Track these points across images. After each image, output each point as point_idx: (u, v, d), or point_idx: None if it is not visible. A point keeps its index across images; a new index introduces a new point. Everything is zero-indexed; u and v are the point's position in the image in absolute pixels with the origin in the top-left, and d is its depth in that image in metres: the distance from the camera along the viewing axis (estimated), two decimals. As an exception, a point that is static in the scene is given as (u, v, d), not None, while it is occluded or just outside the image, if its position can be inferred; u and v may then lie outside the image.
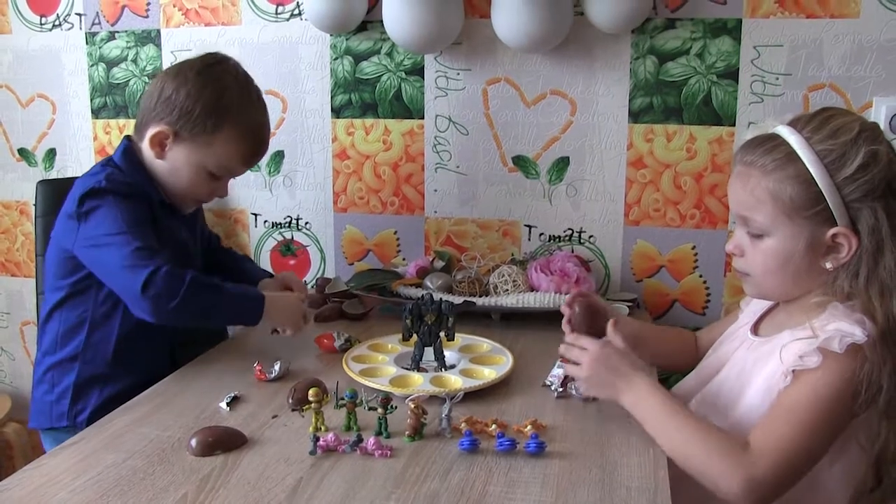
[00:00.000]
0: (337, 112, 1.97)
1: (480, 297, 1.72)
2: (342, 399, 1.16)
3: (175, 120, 1.43)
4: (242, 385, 1.34)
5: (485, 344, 1.50)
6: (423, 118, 1.93)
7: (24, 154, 2.22)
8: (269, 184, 2.06)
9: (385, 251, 2.02)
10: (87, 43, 2.10)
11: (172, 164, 1.47)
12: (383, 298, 1.77)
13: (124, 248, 1.33)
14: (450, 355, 1.41)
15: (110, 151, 2.09)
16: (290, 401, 1.24)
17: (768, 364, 1.15)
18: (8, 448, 2.23)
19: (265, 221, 2.08)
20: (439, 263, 1.89)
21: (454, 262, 1.90)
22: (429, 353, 1.38)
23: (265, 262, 2.10)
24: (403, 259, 1.99)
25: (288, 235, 2.08)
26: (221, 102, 1.44)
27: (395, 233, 2.01)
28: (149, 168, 1.49)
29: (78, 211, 1.39)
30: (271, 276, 1.73)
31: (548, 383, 1.32)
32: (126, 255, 1.32)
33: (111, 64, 2.10)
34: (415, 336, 1.37)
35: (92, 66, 2.11)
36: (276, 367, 1.36)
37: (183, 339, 1.52)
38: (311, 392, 1.15)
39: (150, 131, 1.45)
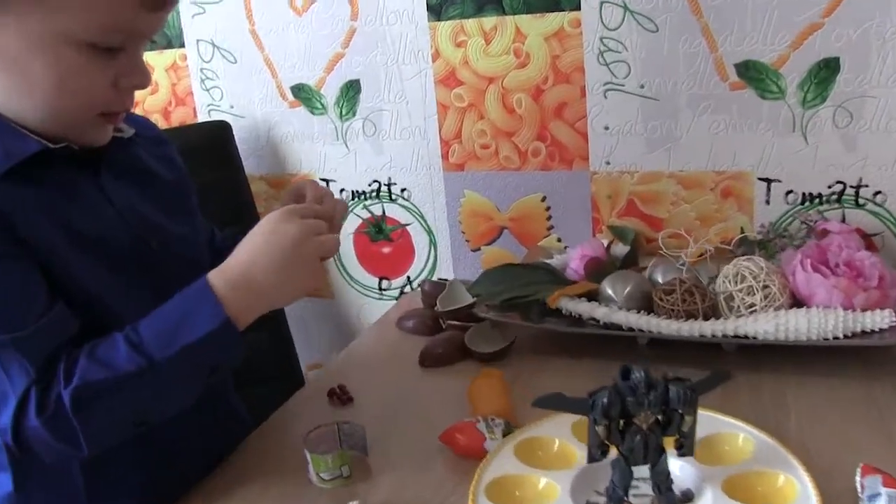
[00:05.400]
0: (436, 12, 1.45)
1: (706, 318, 1.00)
2: None
3: None
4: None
5: (740, 435, 0.80)
6: (578, 9, 1.34)
7: None
8: (343, 132, 1.57)
9: (529, 229, 1.51)
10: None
11: (8, 65, 0.76)
12: (533, 325, 1.09)
13: None
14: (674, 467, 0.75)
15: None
16: None
17: None
18: None
19: (342, 190, 1.62)
20: (621, 249, 1.30)
21: (642, 246, 1.35)
22: (641, 470, 0.74)
23: (346, 250, 1.66)
24: (559, 241, 1.48)
25: (377, 211, 1.61)
26: None
27: (544, 199, 1.48)
28: None
29: None
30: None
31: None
32: None
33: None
34: (613, 450, 0.72)
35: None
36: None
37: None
38: None
39: None
